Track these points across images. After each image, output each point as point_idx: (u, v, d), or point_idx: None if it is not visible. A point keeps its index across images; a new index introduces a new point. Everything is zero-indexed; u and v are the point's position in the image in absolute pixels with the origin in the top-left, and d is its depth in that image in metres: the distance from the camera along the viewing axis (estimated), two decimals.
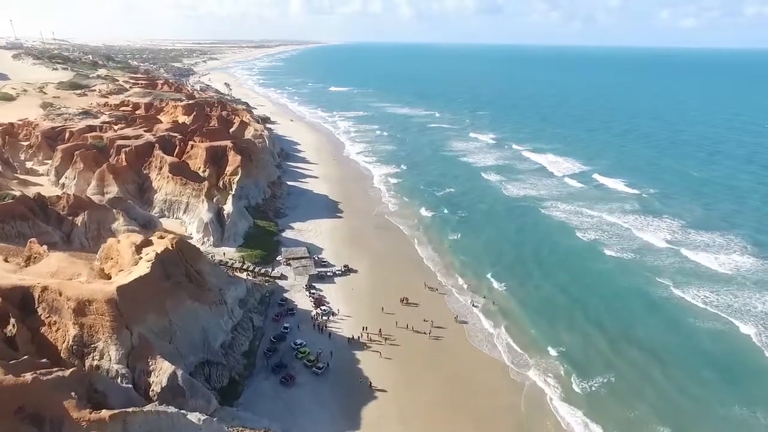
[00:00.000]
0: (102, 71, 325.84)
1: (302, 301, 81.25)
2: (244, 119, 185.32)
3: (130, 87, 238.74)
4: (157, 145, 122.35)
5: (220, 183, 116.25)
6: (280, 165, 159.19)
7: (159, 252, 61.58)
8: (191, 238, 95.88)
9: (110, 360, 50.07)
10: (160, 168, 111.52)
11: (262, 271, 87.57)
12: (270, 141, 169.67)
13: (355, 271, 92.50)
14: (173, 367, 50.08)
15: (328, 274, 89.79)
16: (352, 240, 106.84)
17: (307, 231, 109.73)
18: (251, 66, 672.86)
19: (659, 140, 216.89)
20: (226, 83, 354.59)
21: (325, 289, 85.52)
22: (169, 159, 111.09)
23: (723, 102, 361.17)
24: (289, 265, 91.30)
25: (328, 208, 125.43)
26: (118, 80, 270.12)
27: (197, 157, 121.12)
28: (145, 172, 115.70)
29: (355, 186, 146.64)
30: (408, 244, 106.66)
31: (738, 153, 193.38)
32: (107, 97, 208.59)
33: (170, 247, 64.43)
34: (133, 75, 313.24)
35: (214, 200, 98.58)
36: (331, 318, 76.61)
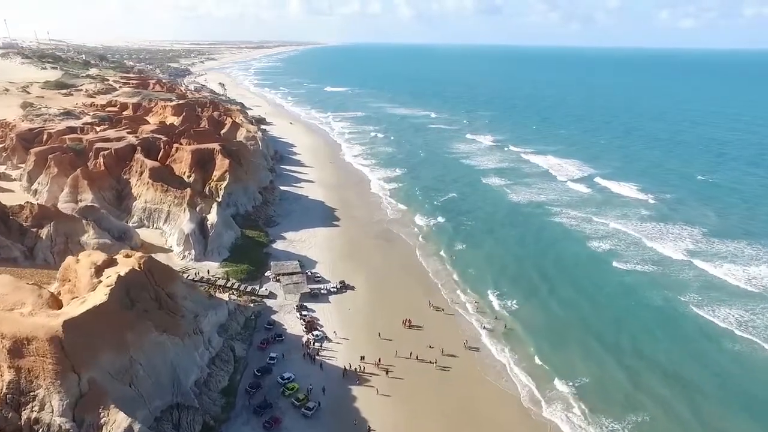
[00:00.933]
0: (93, 71, 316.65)
1: (292, 324, 72.55)
2: (236, 120, 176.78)
3: (120, 87, 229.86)
4: (139, 148, 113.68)
5: (207, 189, 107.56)
6: (273, 168, 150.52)
7: (122, 274, 52.88)
8: (171, 250, 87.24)
9: (52, 411, 41.38)
10: (141, 173, 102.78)
11: (248, 289, 78.80)
12: (263, 143, 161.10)
13: (353, 288, 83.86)
14: (129, 419, 41.39)
15: (322, 291, 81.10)
16: (350, 252, 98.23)
17: (300, 242, 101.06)
18: (249, 66, 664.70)
19: (661, 141, 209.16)
20: (220, 83, 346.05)
21: (319, 310, 76.82)
22: (149, 163, 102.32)
23: (723, 102, 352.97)
24: (278, 281, 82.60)
25: (324, 216, 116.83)
26: (108, 80, 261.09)
27: (182, 161, 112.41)
28: (125, 177, 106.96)
29: (352, 191, 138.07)
30: (409, 255, 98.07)
31: (743, 155, 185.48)
32: (94, 97, 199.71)
33: (137, 268, 55.79)
34: (124, 75, 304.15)
35: (198, 209, 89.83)
36: (324, 345, 67.88)
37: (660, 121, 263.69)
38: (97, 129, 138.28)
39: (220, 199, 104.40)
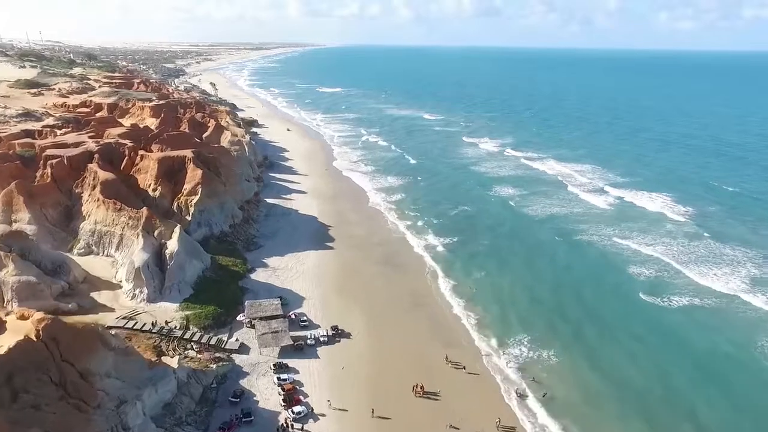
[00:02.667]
0: (77, 70, 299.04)
1: (267, 392, 54.97)
2: (221, 123, 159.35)
3: (100, 86, 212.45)
4: (97, 155, 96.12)
5: (175, 205, 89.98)
6: (260, 177, 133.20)
7: (1, 352, 35.38)
8: (121, 287, 69.63)
9: None
10: (94, 187, 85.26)
11: (213, 340, 61.16)
12: (250, 148, 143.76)
13: (348, 336, 66.45)
14: None
15: (309, 341, 63.62)
16: (345, 283, 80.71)
17: (285, 270, 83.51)
18: (247, 67, 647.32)
19: (671, 144, 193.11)
20: (211, 83, 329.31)
21: (304, 369, 59.29)
22: (102, 175, 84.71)
23: (728, 104, 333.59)
24: (253, 327, 65.10)
25: (316, 236, 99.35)
26: (89, 79, 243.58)
27: (147, 170, 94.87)
28: (77, 191, 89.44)
29: (349, 204, 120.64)
30: (418, 287, 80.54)
31: (759, 159, 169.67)
32: (67, 97, 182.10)
33: (33, 338, 38.32)
34: (109, 74, 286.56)
35: (156, 233, 72.24)
36: (308, 424, 50.36)
37: (665, 123, 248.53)
38: (58, 132, 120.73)
39: (190, 218, 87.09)
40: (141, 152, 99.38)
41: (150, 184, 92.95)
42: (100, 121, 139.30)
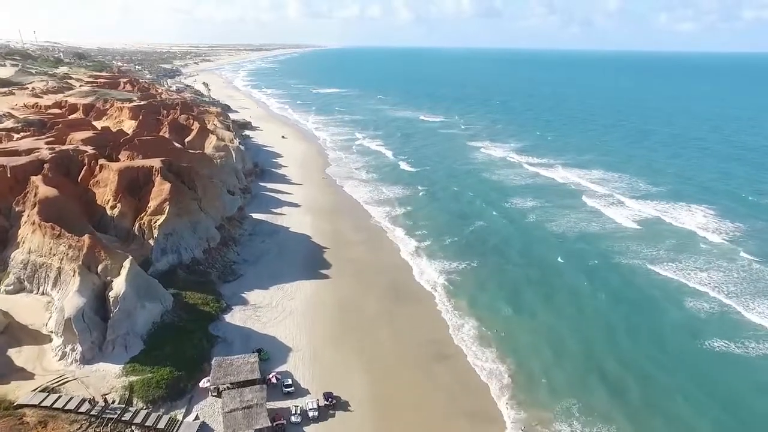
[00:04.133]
0: (62, 69, 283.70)
1: None
2: (207, 125, 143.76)
3: (81, 86, 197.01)
4: (48, 165, 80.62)
5: (137, 227, 74.33)
6: (247, 188, 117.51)
7: None
8: (51, 340, 53.84)
9: None
10: (34, 205, 69.60)
11: (164, 421, 45.28)
12: (238, 154, 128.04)
13: (345, 406, 50.78)
14: None
15: (294, 418, 47.92)
16: (343, 327, 64.98)
17: (268, 308, 67.88)
18: (245, 68, 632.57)
19: (685, 149, 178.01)
20: (204, 83, 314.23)
21: None
22: (43, 191, 69.05)
23: (734, 105, 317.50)
24: (219, 396, 49.40)
25: (309, 260, 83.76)
26: (71, 78, 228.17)
27: (107, 184, 79.30)
28: (18, 209, 73.91)
29: (348, 219, 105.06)
30: (433, 332, 64.98)
31: None
32: (41, 97, 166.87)
33: None
34: (95, 74, 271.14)
35: (100, 269, 56.45)
36: None
37: (673, 124, 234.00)
38: (15, 137, 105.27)
39: (153, 243, 71.48)
40: (100, 162, 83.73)
41: (109, 200, 77.40)
42: (70, 124, 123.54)
